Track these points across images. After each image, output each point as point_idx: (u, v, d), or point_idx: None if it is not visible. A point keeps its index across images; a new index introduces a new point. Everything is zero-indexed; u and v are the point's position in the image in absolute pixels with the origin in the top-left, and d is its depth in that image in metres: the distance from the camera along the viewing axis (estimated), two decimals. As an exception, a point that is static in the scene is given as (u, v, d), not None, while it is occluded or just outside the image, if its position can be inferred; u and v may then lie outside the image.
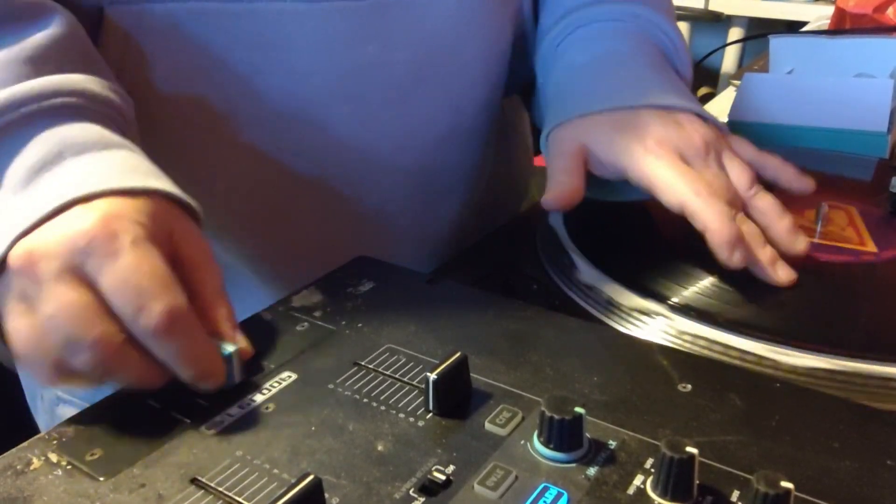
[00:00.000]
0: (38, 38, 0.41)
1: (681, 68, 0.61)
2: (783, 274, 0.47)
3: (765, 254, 0.47)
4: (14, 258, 0.34)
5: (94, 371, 0.34)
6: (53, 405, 0.65)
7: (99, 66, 0.44)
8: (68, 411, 0.63)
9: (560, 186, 0.52)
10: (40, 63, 0.40)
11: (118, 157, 0.39)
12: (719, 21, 2.35)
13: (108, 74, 0.44)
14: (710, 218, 0.46)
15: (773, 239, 0.49)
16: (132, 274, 0.34)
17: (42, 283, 0.34)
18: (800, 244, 0.49)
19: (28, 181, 0.37)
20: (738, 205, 0.49)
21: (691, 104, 0.53)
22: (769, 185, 0.52)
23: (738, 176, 0.50)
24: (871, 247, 0.53)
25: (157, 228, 0.36)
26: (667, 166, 0.48)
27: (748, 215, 0.49)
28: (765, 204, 0.50)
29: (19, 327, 0.34)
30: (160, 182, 0.38)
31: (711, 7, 2.34)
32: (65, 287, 0.33)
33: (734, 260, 0.46)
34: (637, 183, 0.50)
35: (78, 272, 0.34)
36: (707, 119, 0.53)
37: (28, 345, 0.34)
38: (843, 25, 1.06)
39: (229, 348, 0.36)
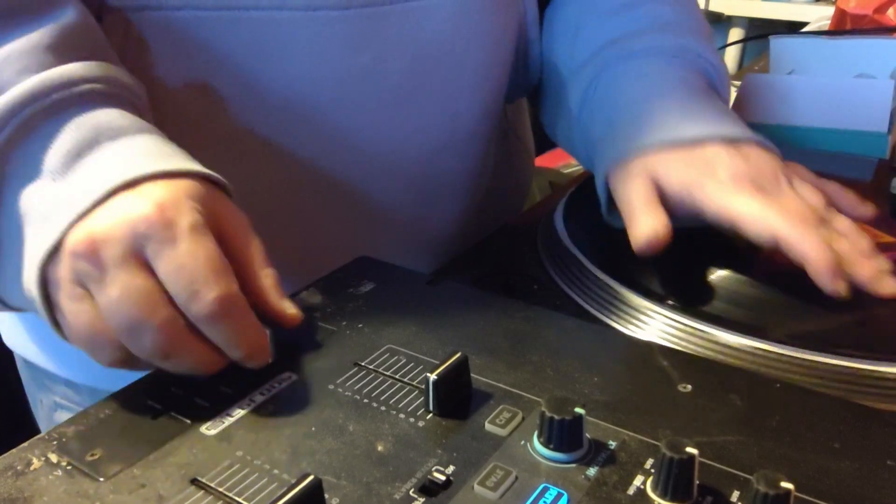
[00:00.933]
0: (57, 26, 0.42)
1: (725, 97, 0.60)
2: (889, 287, 0.45)
3: (868, 269, 0.46)
4: (74, 243, 0.35)
5: (154, 354, 0.35)
6: (52, 410, 0.65)
7: (112, 55, 0.45)
8: (66, 417, 0.63)
9: (651, 226, 0.48)
10: (62, 50, 0.41)
11: (152, 141, 0.40)
12: (720, 21, 2.35)
13: (120, 64, 0.44)
14: (809, 248, 0.44)
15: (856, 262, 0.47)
16: (187, 261, 0.35)
17: (106, 268, 0.34)
18: (883, 265, 0.47)
19: (67, 167, 0.38)
20: (826, 225, 0.48)
21: (752, 134, 0.52)
22: None
23: (815, 199, 0.49)
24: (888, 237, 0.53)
25: (205, 210, 0.37)
26: (749, 199, 0.47)
27: None
28: (844, 225, 0.49)
29: (79, 311, 0.35)
30: (195, 164, 0.39)
31: (712, 7, 2.34)
32: (128, 272, 0.34)
33: (840, 289, 0.44)
34: (715, 219, 0.48)
35: (139, 257, 0.35)
36: (768, 147, 0.52)
37: (90, 328, 0.35)
38: (844, 26, 1.06)
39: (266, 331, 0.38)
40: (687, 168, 0.49)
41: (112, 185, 0.36)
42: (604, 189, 0.54)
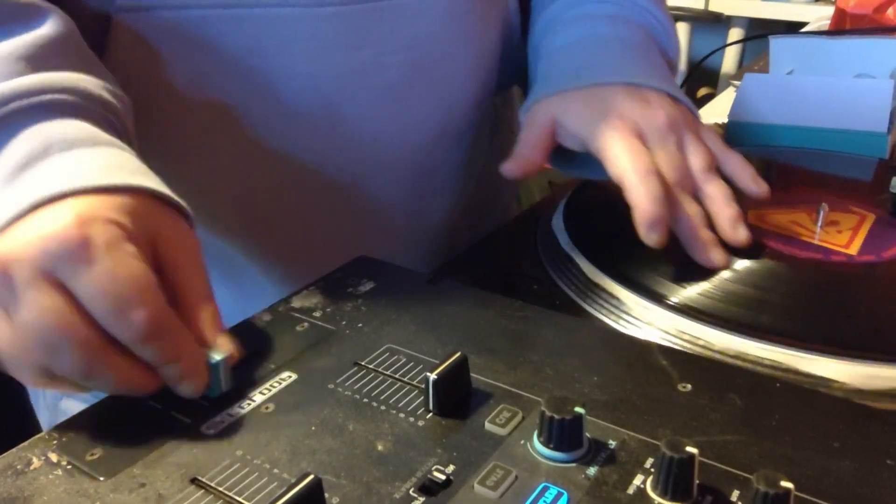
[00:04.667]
0: (33, 36, 0.41)
1: (668, 49, 0.62)
2: (717, 257, 0.48)
3: (703, 236, 0.48)
4: None
5: (78, 375, 0.34)
6: (56, 399, 0.65)
7: (94, 66, 0.44)
8: (72, 405, 0.64)
9: (519, 156, 0.55)
10: (34, 60, 0.40)
11: (105, 155, 0.38)
12: (719, 21, 2.35)
13: (104, 75, 0.44)
14: (640, 195, 0.47)
15: (716, 226, 0.49)
16: (107, 282, 0.33)
17: (16, 289, 0.33)
18: (741, 235, 0.49)
19: (13, 177, 0.36)
20: (686, 186, 0.50)
21: (664, 84, 0.54)
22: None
23: (695, 158, 0.51)
24: (852, 249, 0.53)
25: (137, 227, 0.35)
26: (618, 139, 0.49)
27: (698, 199, 0.50)
28: (714, 190, 0.50)
29: (3, 331, 0.34)
30: (146, 180, 0.37)
31: (711, 7, 2.34)
32: (39, 293, 0.33)
33: (650, 240, 0.47)
34: (595, 154, 0.51)
35: (51, 277, 0.33)
36: (679, 100, 0.54)
37: (10, 350, 0.34)
38: (844, 26, 1.06)
39: (216, 357, 0.35)
40: (584, 106, 0.53)
41: (34, 200, 0.34)
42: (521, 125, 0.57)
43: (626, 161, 0.48)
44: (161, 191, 0.38)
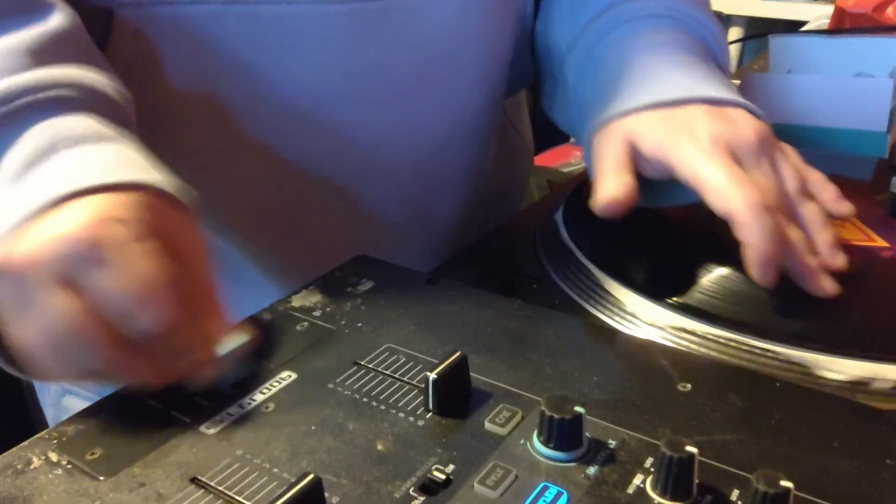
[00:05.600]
0: (38, 30, 0.41)
1: (722, 63, 0.58)
2: (828, 286, 0.45)
3: (810, 263, 0.45)
4: (1, 262, 0.34)
5: (90, 374, 0.34)
6: (59, 396, 0.65)
7: (98, 60, 0.44)
8: (73, 402, 0.64)
9: (613, 187, 0.47)
10: (40, 54, 0.40)
11: (112, 151, 0.38)
12: (719, 20, 2.35)
13: (107, 69, 0.44)
14: (754, 234, 0.43)
15: (815, 251, 0.46)
16: (118, 282, 0.33)
17: (32, 290, 0.33)
18: (839, 260, 0.46)
19: (21, 174, 0.37)
20: (786, 210, 0.46)
21: (742, 99, 0.51)
22: None
23: (789, 180, 0.48)
24: (881, 242, 0.52)
25: (147, 224, 0.35)
26: (719, 168, 0.45)
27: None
28: (810, 213, 0.47)
29: (20, 332, 0.34)
30: (153, 175, 0.38)
31: (711, 6, 2.33)
32: (50, 295, 0.33)
33: (766, 280, 0.44)
34: (685, 182, 0.46)
35: (65, 279, 0.33)
36: (757, 115, 0.50)
37: (32, 347, 0.34)
38: (843, 25, 1.06)
39: (227, 348, 0.36)
40: (664, 128, 0.48)
41: (45, 200, 0.35)
42: (588, 152, 0.52)
43: (734, 195, 0.44)
44: (167, 185, 0.38)
